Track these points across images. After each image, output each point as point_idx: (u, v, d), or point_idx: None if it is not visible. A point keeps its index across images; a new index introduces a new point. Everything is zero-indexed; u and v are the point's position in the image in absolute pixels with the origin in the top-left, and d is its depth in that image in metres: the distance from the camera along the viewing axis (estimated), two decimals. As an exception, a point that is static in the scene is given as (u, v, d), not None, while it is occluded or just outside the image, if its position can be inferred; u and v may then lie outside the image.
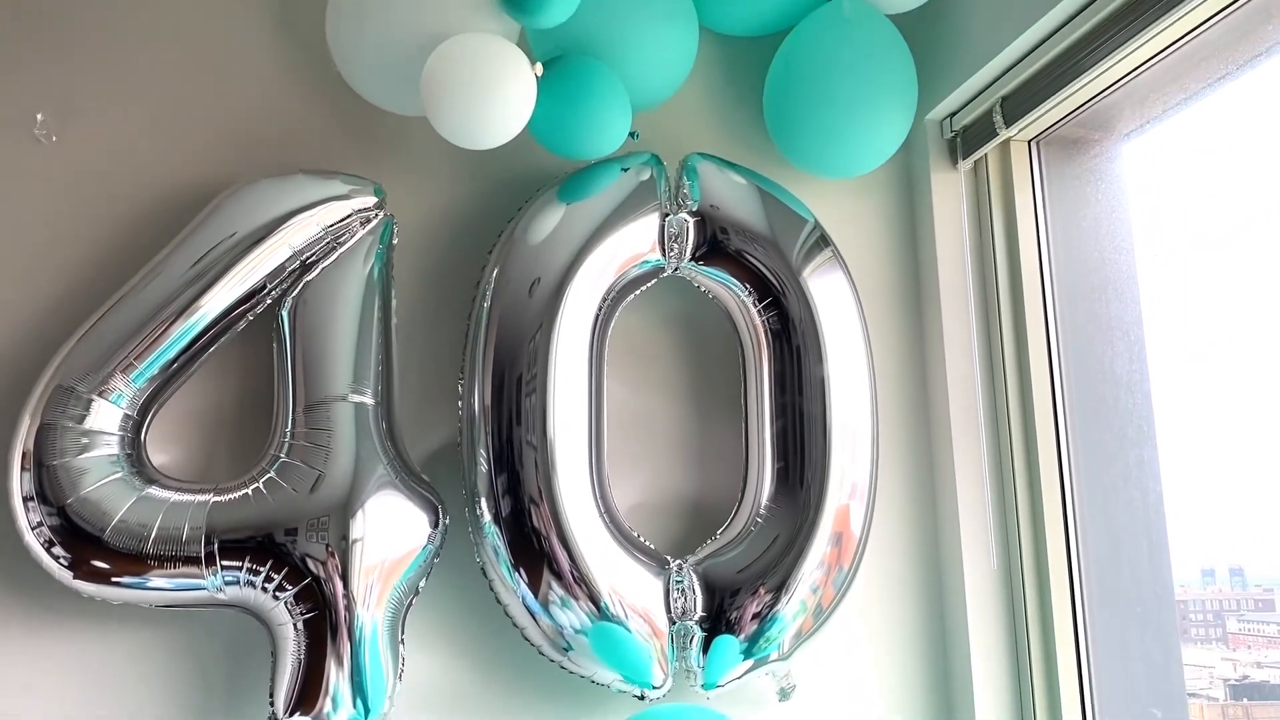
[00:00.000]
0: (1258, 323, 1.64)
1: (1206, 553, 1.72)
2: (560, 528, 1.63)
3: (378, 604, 1.59)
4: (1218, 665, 1.71)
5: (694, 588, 1.69)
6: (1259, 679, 1.70)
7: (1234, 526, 1.67)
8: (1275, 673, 1.70)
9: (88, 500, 1.54)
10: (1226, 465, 1.64)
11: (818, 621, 1.73)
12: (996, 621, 1.82)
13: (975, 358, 1.88)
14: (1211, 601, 1.73)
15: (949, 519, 1.86)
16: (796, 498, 1.72)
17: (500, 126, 1.58)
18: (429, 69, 1.55)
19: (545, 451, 1.63)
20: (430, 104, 1.56)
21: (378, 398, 1.65)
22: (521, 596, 1.65)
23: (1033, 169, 1.91)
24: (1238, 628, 1.73)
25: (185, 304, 1.60)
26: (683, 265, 1.77)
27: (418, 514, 1.62)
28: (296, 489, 1.58)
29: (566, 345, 1.68)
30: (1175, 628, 1.67)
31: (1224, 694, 1.70)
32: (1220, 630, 1.73)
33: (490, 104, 1.55)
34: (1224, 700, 1.69)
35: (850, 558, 1.75)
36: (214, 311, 1.62)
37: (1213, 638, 1.72)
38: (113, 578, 1.54)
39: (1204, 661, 1.72)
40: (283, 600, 1.56)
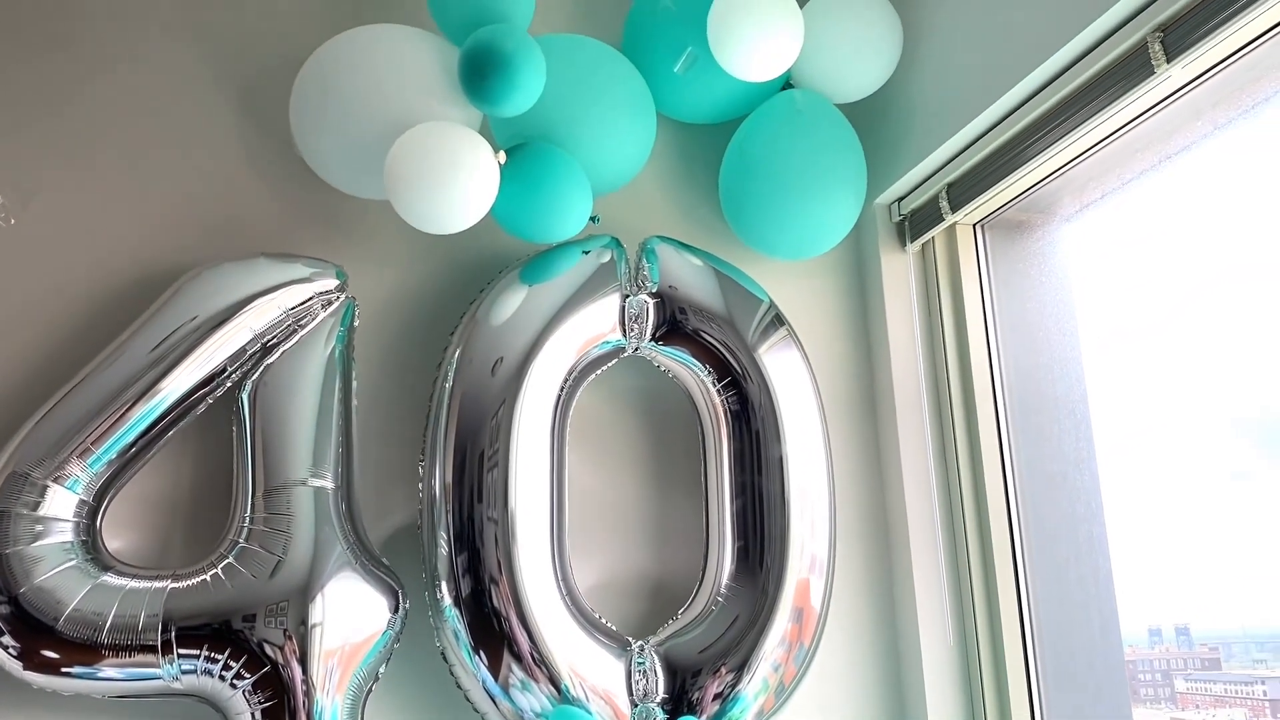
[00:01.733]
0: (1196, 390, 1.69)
1: (1153, 612, 1.75)
2: (520, 607, 1.63)
3: (337, 689, 1.57)
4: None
5: (655, 669, 1.69)
6: None
7: (1180, 586, 1.71)
8: None
9: (41, 589, 1.51)
10: (1171, 528, 1.69)
11: (779, 700, 1.74)
12: (954, 697, 1.84)
13: (928, 435, 1.93)
14: (1159, 661, 1.76)
15: (905, 596, 1.89)
16: (756, 576, 1.74)
17: (463, 212, 1.60)
18: (393, 156, 1.57)
19: (506, 525, 1.64)
20: (394, 190, 1.58)
21: (338, 481, 1.64)
22: (482, 680, 1.64)
23: (978, 251, 1.98)
24: (1185, 687, 1.75)
25: (145, 387, 1.59)
26: (643, 345, 1.80)
27: (378, 598, 1.61)
28: (255, 574, 1.56)
29: (529, 421, 1.69)
30: (1126, 696, 1.70)
31: None
32: (1169, 690, 1.76)
33: (454, 191, 1.57)
34: None
35: (811, 634, 1.76)
36: (174, 395, 1.61)
37: (1161, 697, 1.74)
38: (64, 668, 1.51)
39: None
40: (240, 689, 1.53)
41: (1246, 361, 1.62)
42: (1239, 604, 1.64)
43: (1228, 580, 1.62)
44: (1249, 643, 1.71)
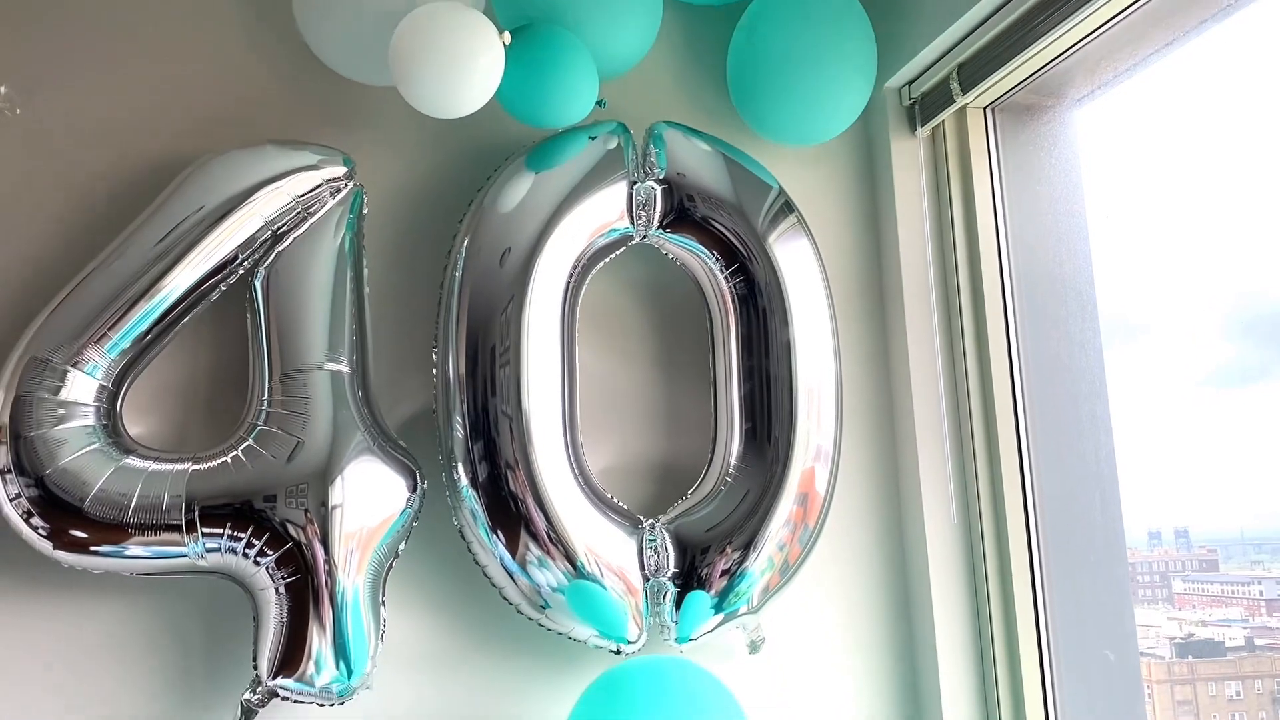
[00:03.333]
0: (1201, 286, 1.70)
1: (1153, 515, 1.78)
2: (537, 492, 1.66)
3: (358, 569, 1.61)
4: (1164, 625, 1.77)
5: (666, 546, 1.73)
6: (1204, 637, 1.77)
7: (1179, 489, 1.73)
8: (1219, 631, 1.76)
9: (66, 471, 1.54)
10: (1172, 428, 1.71)
11: (785, 578, 1.78)
12: (957, 575, 1.88)
13: (935, 321, 1.94)
14: (1158, 563, 1.79)
15: (910, 476, 1.92)
16: (764, 457, 1.77)
17: (469, 95, 1.59)
18: (397, 39, 1.56)
19: (521, 422, 1.66)
20: (399, 74, 1.57)
21: (353, 366, 1.67)
22: (499, 558, 1.68)
23: (988, 135, 1.96)
24: (1183, 588, 1.79)
25: (157, 275, 1.61)
26: (650, 233, 1.80)
27: (396, 479, 1.65)
28: (275, 456, 1.60)
29: (538, 317, 1.71)
30: (1126, 573, 1.74)
31: (1170, 652, 1.77)
32: (1166, 591, 1.80)
33: (459, 73, 1.56)
34: (1170, 659, 1.76)
35: (816, 516, 1.80)
36: (186, 283, 1.62)
37: (1159, 598, 1.78)
38: (92, 547, 1.55)
39: (1151, 621, 1.78)
40: (264, 565, 1.58)
41: (1254, 259, 1.61)
42: (1238, 506, 1.66)
43: (1227, 483, 1.64)
44: (1247, 544, 1.74)
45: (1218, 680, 1.75)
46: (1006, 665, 1.82)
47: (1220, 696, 1.74)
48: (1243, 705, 1.73)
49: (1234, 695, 1.74)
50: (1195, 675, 1.76)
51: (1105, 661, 1.75)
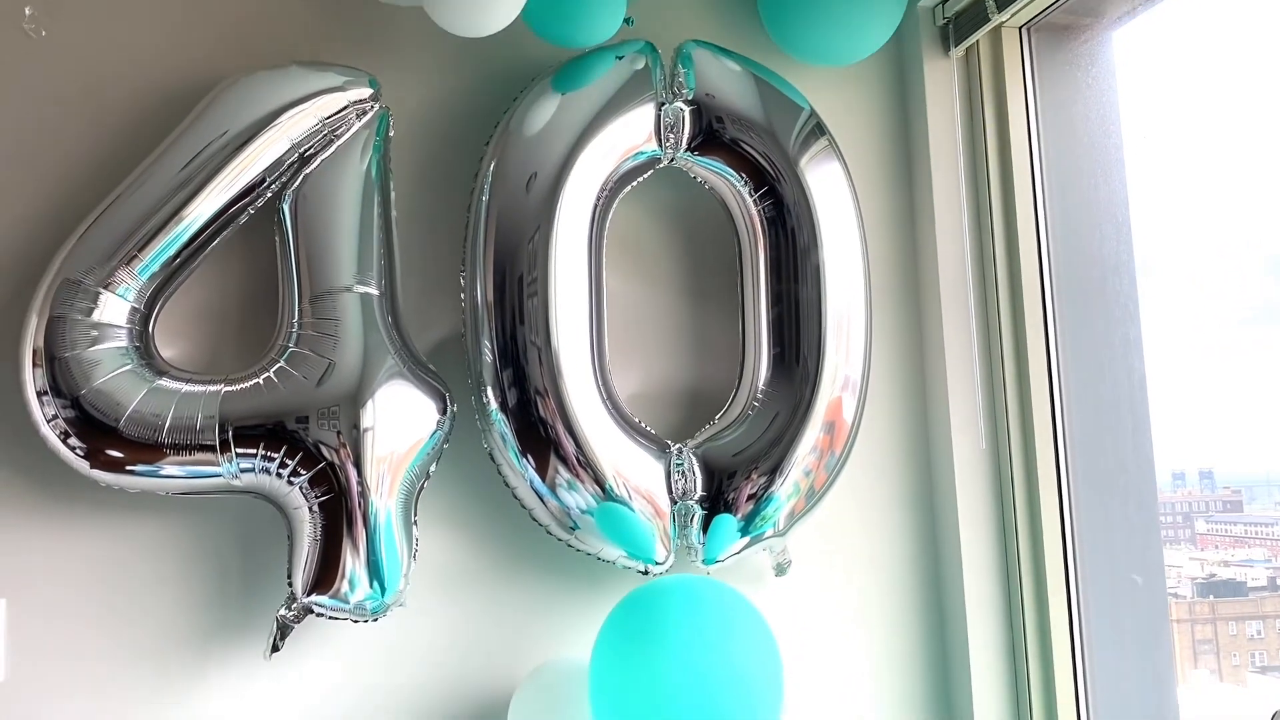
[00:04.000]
0: (1234, 221, 1.67)
1: (1178, 457, 1.77)
2: (566, 417, 1.67)
3: (390, 491, 1.63)
4: (1186, 565, 1.77)
5: (694, 469, 1.74)
6: (1225, 577, 1.78)
7: (1206, 429, 1.73)
8: (1241, 571, 1.77)
9: (101, 392, 1.56)
10: (1200, 365, 1.69)
11: (810, 503, 1.79)
12: (985, 500, 1.88)
13: (966, 245, 1.92)
14: (1181, 504, 1.79)
15: (939, 402, 1.92)
16: (792, 381, 1.77)
17: (495, 13, 1.57)
18: (423, -45, 1.53)
19: (549, 352, 1.67)
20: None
21: (381, 289, 1.67)
22: (529, 480, 1.69)
23: (1023, 56, 1.92)
24: (1206, 528, 1.79)
25: (185, 199, 1.61)
26: (679, 156, 1.78)
27: (426, 402, 1.66)
28: (306, 377, 1.61)
29: (565, 246, 1.70)
30: (1155, 499, 1.73)
31: (1191, 592, 1.77)
32: (1189, 531, 1.80)
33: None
34: (1191, 598, 1.77)
35: (843, 444, 1.80)
36: (213, 207, 1.62)
37: (1181, 539, 1.78)
38: (128, 466, 1.58)
39: (1173, 561, 1.78)
40: (297, 485, 1.60)
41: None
42: (1264, 448, 1.65)
43: (1255, 424, 1.62)
44: (1272, 486, 1.73)
45: (1238, 620, 1.76)
46: (1033, 589, 1.83)
47: (1241, 635, 1.75)
48: (1263, 644, 1.74)
49: (1255, 634, 1.75)
50: (1216, 615, 1.77)
51: (1133, 586, 1.75)
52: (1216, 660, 1.74)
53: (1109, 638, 1.77)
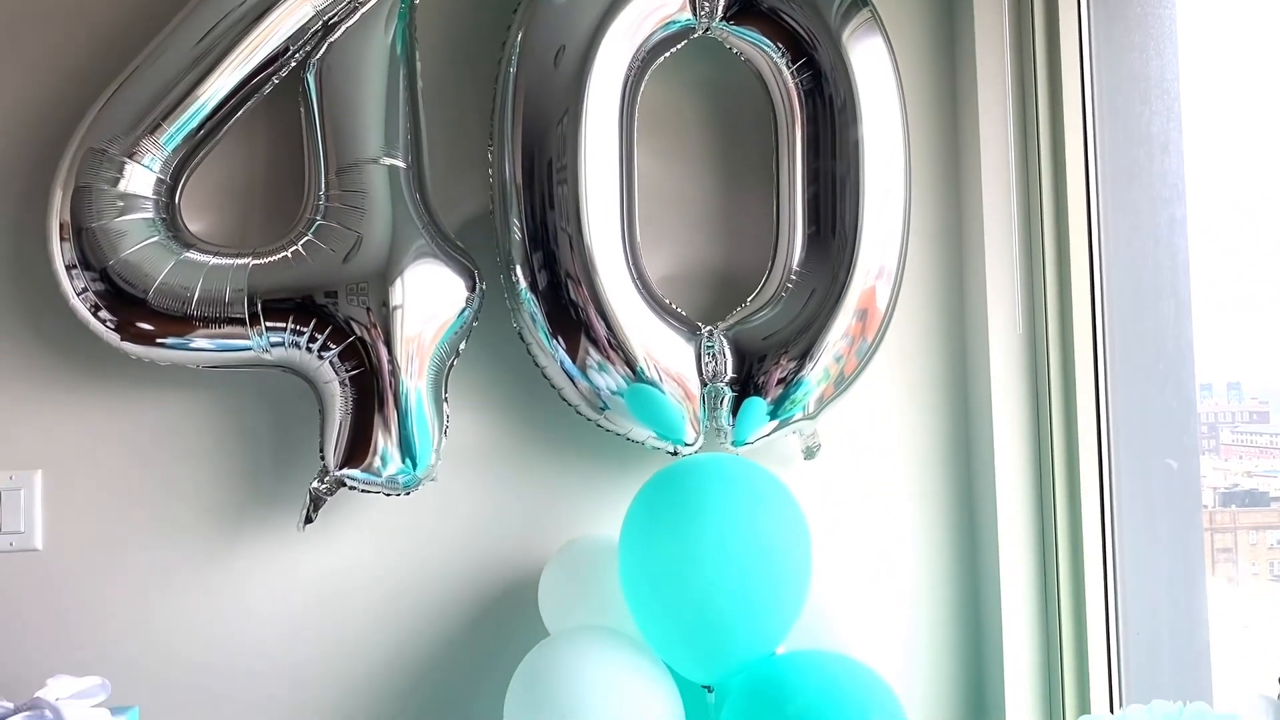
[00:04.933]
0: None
1: (1204, 369, 1.74)
2: (599, 301, 1.65)
3: (420, 370, 1.62)
4: (1209, 475, 1.75)
5: (724, 352, 1.73)
6: (1248, 487, 1.76)
7: (1234, 341, 1.69)
8: (1263, 481, 1.75)
9: (128, 263, 1.55)
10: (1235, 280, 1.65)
11: (839, 389, 1.77)
12: (1019, 384, 1.86)
13: (1009, 121, 1.85)
14: (1207, 414, 1.76)
15: (976, 285, 1.88)
16: (829, 260, 1.73)
17: None
18: None
19: (581, 238, 1.64)
20: None
21: (408, 162, 1.64)
22: (560, 361, 1.68)
23: (1074, -73, 1.83)
24: (1231, 439, 1.77)
25: (209, 66, 1.57)
26: (714, 25, 1.72)
27: (455, 279, 1.64)
28: (334, 250, 1.59)
29: (596, 131, 1.66)
30: (1193, 384, 1.70)
31: (1213, 501, 1.76)
32: (1214, 441, 1.78)
33: None
34: (1213, 507, 1.75)
35: (875, 331, 1.77)
36: (237, 76, 1.59)
37: (1206, 449, 1.76)
38: (158, 339, 1.58)
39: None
40: (327, 359, 1.59)
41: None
42: None
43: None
44: None
45: (1259, 529, 1.75)
46: (1065, 474, 1.81)
47: (1261, 544, 1.74)
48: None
49: (1274, 544, 1.74)
50: (1237, 524, 1.75)
51: (1167, 471, 1.74)
52: (1235, 568, 1.74)
53: (1141, 522, 1.76)
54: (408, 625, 1.75)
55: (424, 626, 1.76)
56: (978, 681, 1.89)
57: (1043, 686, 1.82)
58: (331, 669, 1.73)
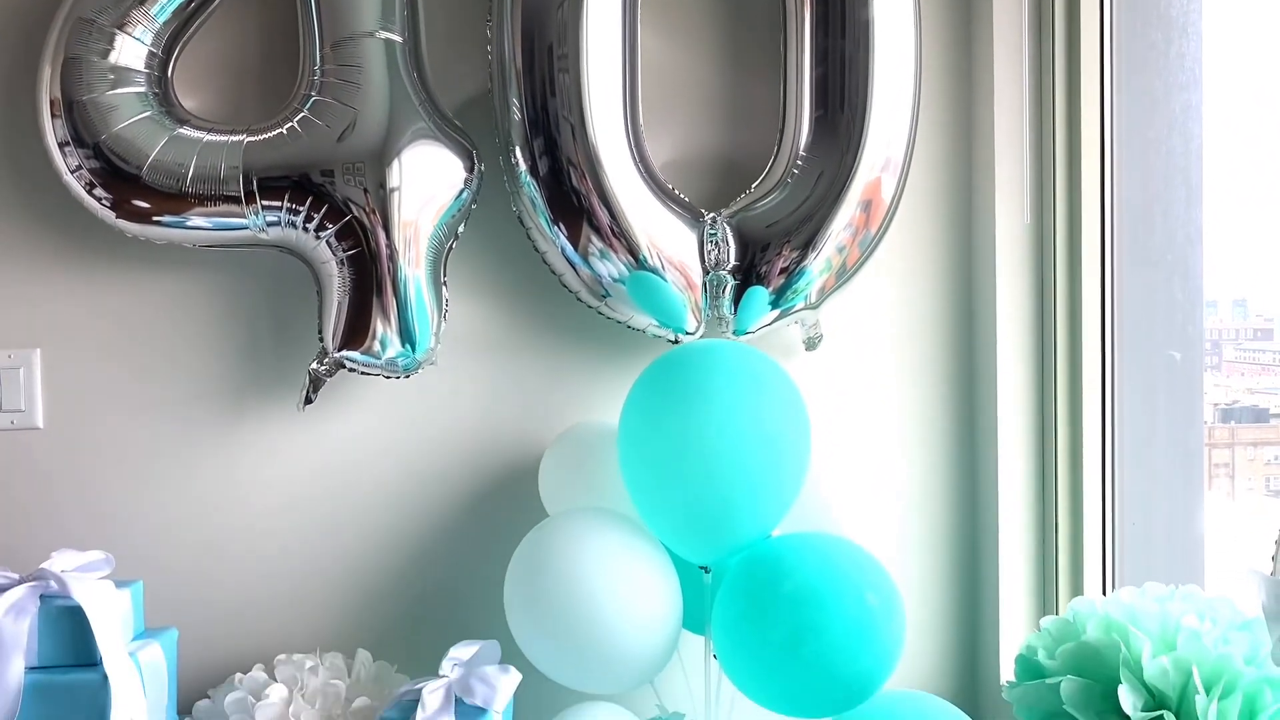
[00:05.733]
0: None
1: (1210, 286, 1.72)
2: (601, 190, 1.63)
3: (418, 253, 1.60)
4: (1210, 391, 1.74)
5: (727, 240, 1.71)
6: (1248, 403, 1.76)
7: (1240, 259, 1.67)
8: (1264, 398, 1.75)
9: (120, 137, 1.53)
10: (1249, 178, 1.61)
11: (841, 280, 1.75)
12: (1024, 276, 1.83)
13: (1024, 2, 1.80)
14: (1211, 331, 1.75)
15: (984, 173, 1.84)
16: (836, 142, 1.69)
17: None
18: None
19: (584, 129, 1.61)
20: None
21: (405, 37, 1.60)
22: (561, 248, 1.66)
23: None
24: (1234, 355, 1.76)
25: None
26: (721, -102, 1.67)
27: (453, 160, 1.62)
28: (330, 126, 1.56)
29: (597, 13, 1.60)
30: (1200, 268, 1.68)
31: (1212, 417, 1.74)
32: (1216, 359, 1.76)
33: None
34: (1211, 423, 1.74)
35: (879, 223, 1.75)
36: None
37: (1208, 365, 1.75)
38: (154, 217, 1.56)
39: None
40: (324, 239, 1.58)
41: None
42: None
43: None
44: None
45: (1257, 445, 1.75)
46: (1067, 365, 1.80)
47: (1258, 460, 1.74)
48: (1279, 469, 1.74)
49: (1271, 460, 1.74)
50: (1235, 440, 1.75)
51: (1170, 363, 1.73)
52: (1231, 483, 1.74)
53: (1141, 415, 1.76)
54: (408, 507, 1.77)
55: (424, 508, 1.77)
56: (971, 565, 1.91)
57: (1036, 573, 1.83)
58: (331, 550, 1.75)
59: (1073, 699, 1.27)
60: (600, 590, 1.48)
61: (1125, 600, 1.35)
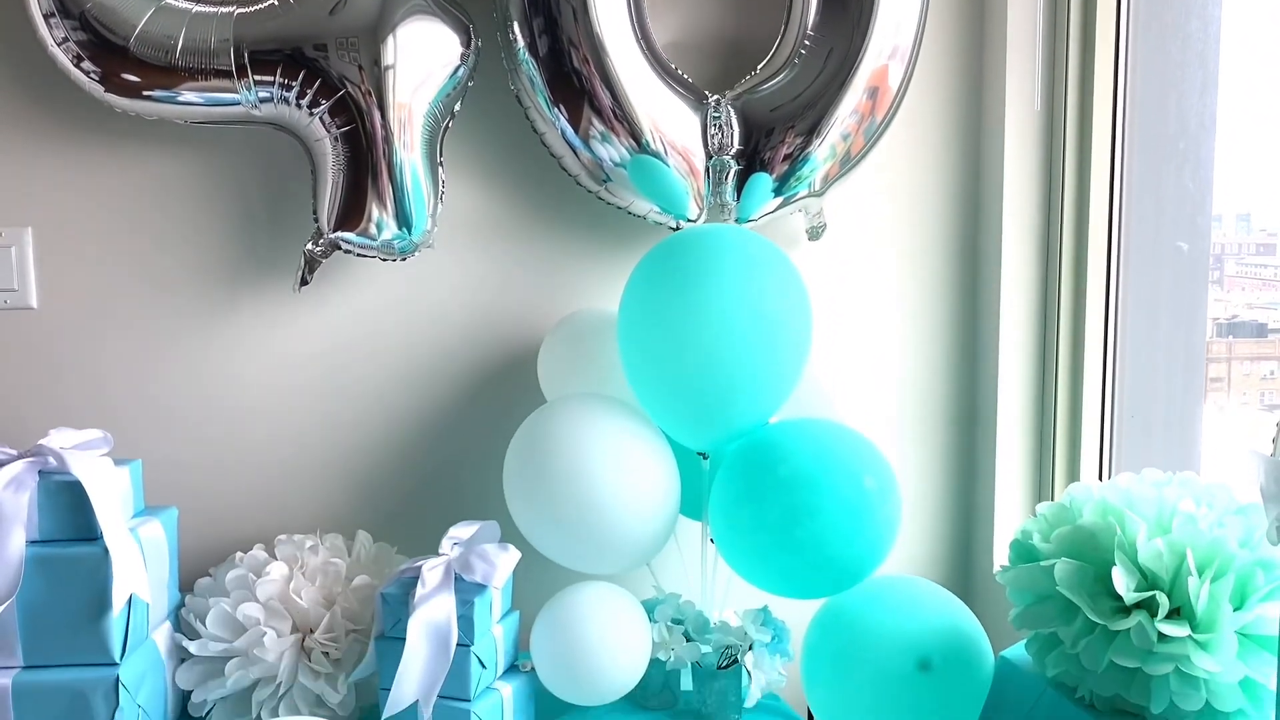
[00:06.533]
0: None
1: (1216, 200, 1.68)
2: (604, 71, 1.58)
3: (414, 135, 1.57)
4: (1209, 305, 1.72)
5: (731, 123, 1.67)
6: (1246, 319, 1.74)
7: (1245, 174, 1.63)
8: (1262, 313, 1.73)
9: (105, 6, 1.48)
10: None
11: (845, 168, 1.72)
12: (1032, 165, 1.80)
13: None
14: (1214, 246, 1.72)
15: (995, 56, 1.80)
16: (845, 20, 1.64)
17: None
18: None
19: (585, 8, 1.56)
20: None
21: (399, -94, 1.54)
22: (561, 130, 1.63)
23: None
24: (1235, 270, 1.73)
25: None
26: None
27: (448, 34, 1.57)
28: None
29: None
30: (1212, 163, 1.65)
31: (1211, 332, 1.72)
32: (1218, 274, 1.74)
33: None
34: (1210, 338, 1.72)
35: (885, 110, 1.70)
36: None
37: (1209, 280, 1.72)
38: (144, 91, 1.52)
39: None
40: (317, 115, 1.54)
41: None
42: None
43: None
44: None
45: (1253, 360, 1.74)
46: (1072, 252, 1.77)
47: (1254, 375, 1.73)
48: (1274, 384, 1.73)
49: (1267, 374, 1.74)
50: (1232, 354, 1.74)
51: (1177, 254, 1.71)
52: (1226, 396, 1.74)
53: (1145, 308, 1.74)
54: (407, 392, 1.76)
55: (423, 393, 1.77)
56: (969, 454, 1.92)
57: (1033, 463, 1.84)
58: (329, 434, 1.75)
59: (1066, 580, 1.28)
60: (599, 473, 1.49)
61: (1122, 485, 1.35)
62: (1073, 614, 1.28)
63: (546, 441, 1.52)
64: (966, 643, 1.51)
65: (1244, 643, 1.20)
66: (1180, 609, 1.22)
